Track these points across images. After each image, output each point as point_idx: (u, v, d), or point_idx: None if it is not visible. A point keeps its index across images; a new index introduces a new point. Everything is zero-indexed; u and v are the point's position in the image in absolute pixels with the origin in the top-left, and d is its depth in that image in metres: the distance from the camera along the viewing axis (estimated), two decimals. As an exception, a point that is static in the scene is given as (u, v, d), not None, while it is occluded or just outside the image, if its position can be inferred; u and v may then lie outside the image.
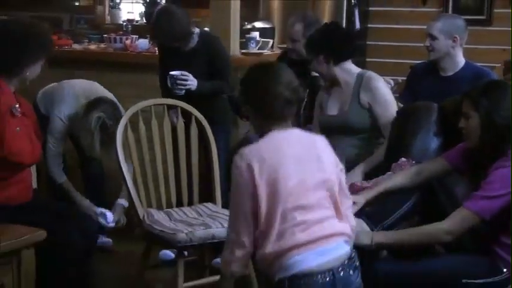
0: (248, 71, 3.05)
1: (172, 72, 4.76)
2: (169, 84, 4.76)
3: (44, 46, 3.64)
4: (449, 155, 3.58)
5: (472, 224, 3.23)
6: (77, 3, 10.58)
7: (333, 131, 4.36)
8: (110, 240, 5.19)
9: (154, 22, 4.87)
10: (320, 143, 2.96)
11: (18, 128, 3.54)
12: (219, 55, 5.00)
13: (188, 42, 4.90)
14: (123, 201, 4.88)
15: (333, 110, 4.45)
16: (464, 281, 3.24)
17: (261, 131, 2.94)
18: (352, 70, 4.41)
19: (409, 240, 3.33)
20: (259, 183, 2.74)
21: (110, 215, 4.80)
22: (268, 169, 2.76)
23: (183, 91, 4.76)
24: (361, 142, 4.36)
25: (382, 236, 3.33)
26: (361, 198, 3.57)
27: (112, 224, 4.81)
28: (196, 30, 4.99)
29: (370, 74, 4.40)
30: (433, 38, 4.75)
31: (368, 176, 4.09)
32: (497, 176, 3.22)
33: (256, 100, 2.94)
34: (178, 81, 4.73)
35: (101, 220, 4.72)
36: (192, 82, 4.76)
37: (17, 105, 3.57)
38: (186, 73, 4.75)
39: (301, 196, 2.77)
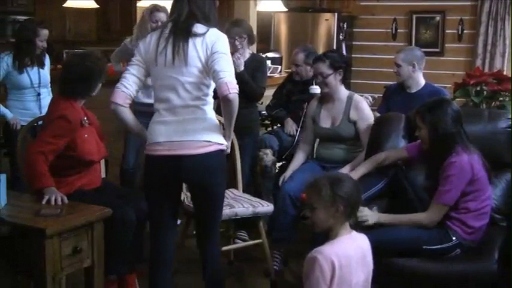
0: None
1: None
2: None
3: (104, 74, 3.63)
4: (408, 148, 3.62)
5: (444, 212, 3.27)
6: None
7: (325, 139, 4.37)
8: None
9: None
10: (367, 247, 2.64)
11: (86, 135, 3.52)
12: (259, 68, 4.79)
13: None
14: None
15: (325, 122, 4.33)
16: (424, 247, 3.25)
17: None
18: (342, 91, 4.31)
19: (400, 223, 3.33)
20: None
21: None
22: (342, 270, 2.46)
23: None
24: (347, 148, 4.29)
25: (384, 217, 3.35)
26: None
27: None
28: (249, 52, 4.86)
29: (357, 96, 4.31)
30: (398, 65, 4.73)
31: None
32: (451, 171, 3.25)
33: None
34: None
35: None
36: None
37: (85, 118, 3.56)
38: None
39: None
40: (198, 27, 2.91)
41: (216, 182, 3.02)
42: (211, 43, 2.88)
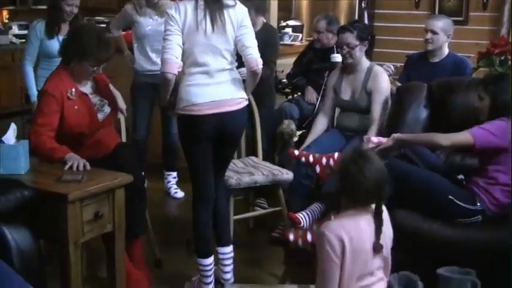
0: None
1: None
2: None
3: (102, 51, 3.44)
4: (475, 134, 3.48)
5: (464, 143, 3.28)
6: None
7: (345, 109, 4.39)
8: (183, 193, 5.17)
9: None
10: (386, 218, 2.64)
11: (76, 107, 3.43)
12: (270, 42, 4.63)
13: None
14: None
15: (346, 95, 4.33)
16: (450, 197, 3.27)
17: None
18: (364, 62, 4.29)
19: (418, 139, 3.45)
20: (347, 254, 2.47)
21: None
22: (353, 242, 2.47)
23: None
24: (362, 116, 4.28)
25: (402, 135, 3.47)
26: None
27: None
28: (263, 20, 4.77)
29: (377, 67, 4.28)
30: (434, 33, 4.65)
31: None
32: (496, 122, 3.29)
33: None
34: None
35: None
36: None
37: (73, 89, 3.43)
38: None
39: (369, 264, 2.55)
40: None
41: (242, 132, 3.66)
42: (241, 16, 3.30)
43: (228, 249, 3.53)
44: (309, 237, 3.55)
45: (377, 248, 2.54)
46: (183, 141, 3.42)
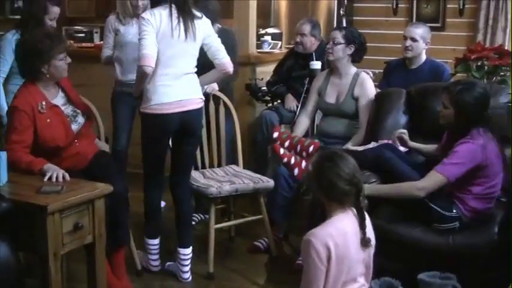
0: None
1: None
2: None
3: (56, 41, 3.38)
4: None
5: (440, 185, 3.24)
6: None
7: (329, 113, 4.40)
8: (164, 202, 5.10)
9: None
10: (369, 225, 2.63)
11: (48, 120, 3.38)
12: (227, 44, 4.07)
13: None
14: None
15: (330, 98, 4.36)
16: (425, 199, 3.26)
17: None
18: (351, 68, 4.34)
19: (390, 193, 3.32)
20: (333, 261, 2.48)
21: None
22: (338, 249, 2.47)
23: None
24: (347, 123, 4.31)
25: (369, 190, 3.25)
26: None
27: None
28: (218, 26, 4.57)
29: (364, 74, 4.33)
30: (414, 40, 4.68)
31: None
32: (461, 148, 3.23)
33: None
34: None
35: None
36: None
37: (44, 102, 3.37)
38: None
39: (353, 271, 2.55)
40: (196, 11, 3.62)
41: (201, 130, 4.02)
42: (207, 27, 3.69)
43: (188, 251, 3.81)
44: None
45: (365, 242, 2.56)
46: (146, 136, 3.72)
